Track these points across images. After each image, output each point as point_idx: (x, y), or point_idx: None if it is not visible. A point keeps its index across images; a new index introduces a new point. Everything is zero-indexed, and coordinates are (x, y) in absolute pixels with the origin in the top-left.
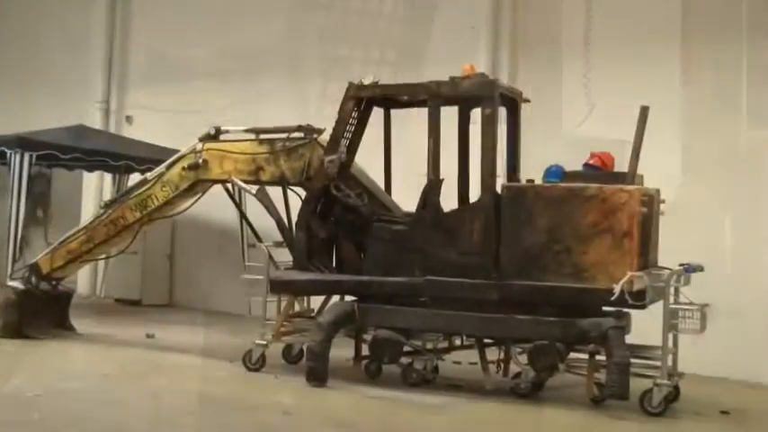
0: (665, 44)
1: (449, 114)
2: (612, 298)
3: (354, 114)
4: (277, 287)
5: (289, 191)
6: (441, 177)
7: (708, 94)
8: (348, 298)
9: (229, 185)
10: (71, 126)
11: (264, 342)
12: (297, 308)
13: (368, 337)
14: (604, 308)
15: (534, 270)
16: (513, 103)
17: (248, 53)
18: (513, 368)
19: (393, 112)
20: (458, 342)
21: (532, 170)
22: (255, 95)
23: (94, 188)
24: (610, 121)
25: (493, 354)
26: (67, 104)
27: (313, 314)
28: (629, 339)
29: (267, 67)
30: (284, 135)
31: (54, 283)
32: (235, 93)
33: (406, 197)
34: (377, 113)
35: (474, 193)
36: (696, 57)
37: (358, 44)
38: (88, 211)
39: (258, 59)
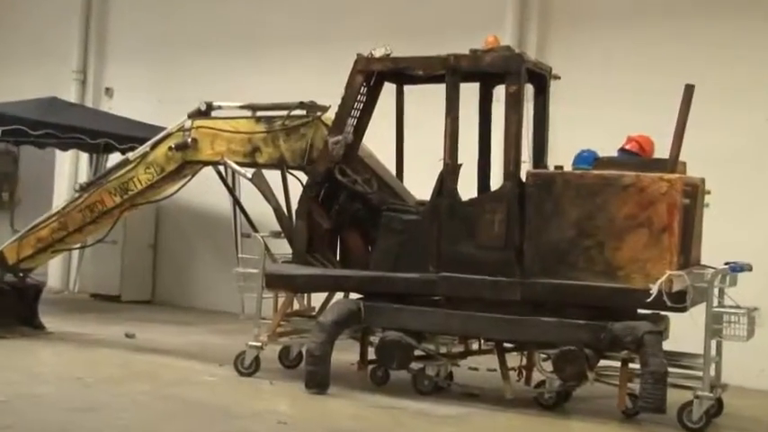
0: (710, 17)
1: (469, 92)
2: (649, 299)
3: (363, 90)
4: (274, 282)
5: (288, 175)
6: (459, 162)
7: (760, 72)
8: (353, 295)
9: (222, 168)
10: (42, 98)
11: (259, 344)
12: (296, 306)
13: (375, 339)
14: (640, 310)
15: (562, 267)
16: (541, 79)
17: (245, 21)
18: (537, 376)
19: (406, 88)
20: (475, 346)
21: (561, 156)
22: (252, 68)
23: (68, 169)
24: (649, 101)
25: (514, 360)
26: (38, 74)
27: (314, 313)
28: (666, 346)
29: (265, 36)
30: (284, 112)
31: (21, 275)
32: (229, 64)
33: (420, 184)
34: (388, 90)
35: (496, 181)
36: (745, 31)
37: (368, 12)
38: (61, 194)
39: (255, 28)
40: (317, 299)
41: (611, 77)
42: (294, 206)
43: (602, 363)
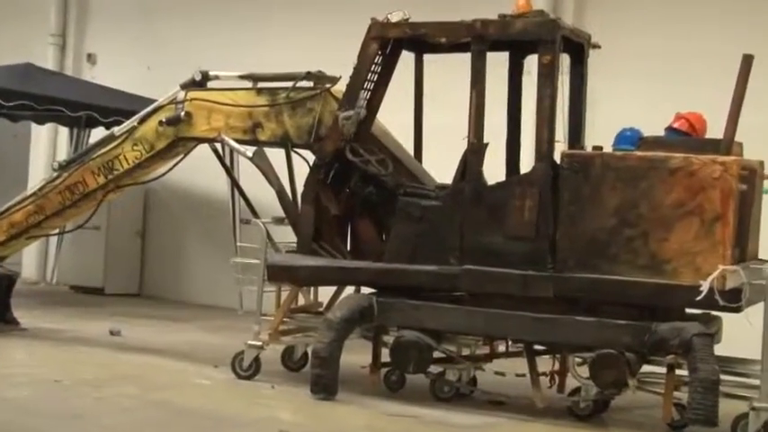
0: None
1: (497, 62)
2: (699, 297)
3: (378, 60)
4: (276, 274)
5: (293, 154)
6: (485, 141)
7: None
8: (365, 290)
9: (219, 145)
10: (15, 65)
11: (259, 343)
12: (300, 301)
13: (389, 339)
14: (688, 310)
15: (600, 260)
16: (578, 49)
17: None
18: (571, 382)
19: (426, 57)
20: (501, 348)
21: (601, 135)
22: (255, 33)
23: (46, 145)
24: (701, 73)
25: (545, 364)
26: (11, 37)
27: (321, 309)
28: (718, 350)
29: None
30: (289, 84)
31: None
32: (229, 28)
33: (441, 165)
34: (406, 59)
35: (526, 163)
36: None
37: None
38: (37, 173)
39: None
40: (325, 293)
41: (658, 46)
42: (300, 189)
43: (645, 368)
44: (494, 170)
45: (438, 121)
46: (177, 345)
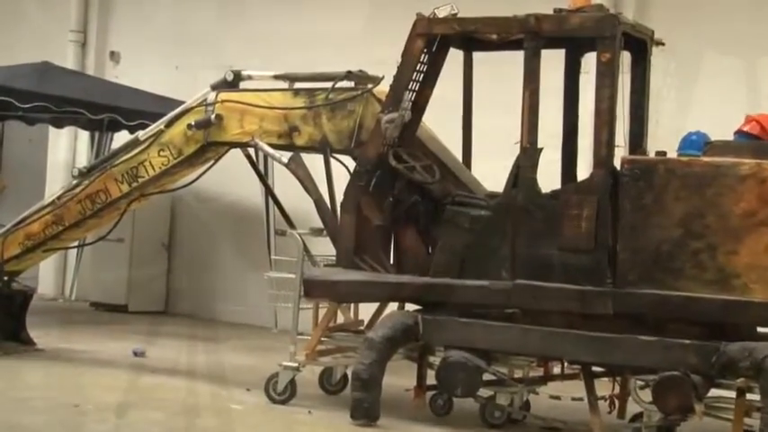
0: None
1: (552, 60)
2: None
3: (423, 59)
4: (314, 290)
5: (333, 160)
6: (539, 146)
7: None
8: (409, 307)
9: (252, 151)
10: (33, 64)
11: (295, 364)
12: (340, 319)
13: (435, 360)
14: (760, 329)
15: (663, 275)
16: (641, 46)
17: None
18: (632, 407)
19: (476, 55)
20: (557, 370)
21: (665, 139)
22: (289, 31)
23: (65, 150)
24: None
25: (605, 387)
26: (28, 34)
27: (362, 327)
28: None
29: None
30: (328, 84)
31: (6, 278)
32: (262, 25)
33: (491, 172)
34: (454, 57)
35: (583, 169)
36: None
37: None
38: (56, 181)
39: None
40: (366, 310)
41: (727, 44)
42: (339, 198)
43: (713, 392)
44: (549, 178)
45: (487, 125)
46: (206, 366)
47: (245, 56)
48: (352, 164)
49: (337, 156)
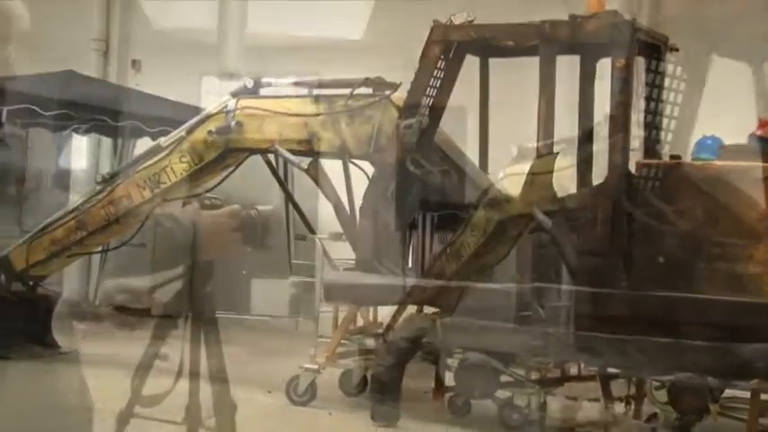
0: None
1: (567, 66)
2: None
3: (440, 65)
4: (333, 293)
5: (352, 166)
6: (554, 150)
7: None
8: (429, 309)
9: (272, 157)
10: (56, 72)
11: (315, 366)
12: (359, 322)
13: (453, 362)
14: None
15: (678, 277)
16: (655, 51)
17: None
18: (648, 408)
19: (492, 61)
20: (573, 371)
21: (679, 144)
22: (309, 39)
23: (88, 157)
24: None
25: (620, 388)
26: (51, 43)
27: (381, 330)
28: None
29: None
30: (346, 91)
31: (31, 283)
32: (281, 35)
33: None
34: (471, 63)
35: (598, 173)
36: None
37: None
38: (79, 187)
39: None
40: (385, 313)
41: (740, 49)
42: (358, 203)
43: (728, 393)
44: (563, 181)
45: (504, 131)
46: (227, 369)
47: (265, 63)
48: (370, 169)
49: (356, 161)
